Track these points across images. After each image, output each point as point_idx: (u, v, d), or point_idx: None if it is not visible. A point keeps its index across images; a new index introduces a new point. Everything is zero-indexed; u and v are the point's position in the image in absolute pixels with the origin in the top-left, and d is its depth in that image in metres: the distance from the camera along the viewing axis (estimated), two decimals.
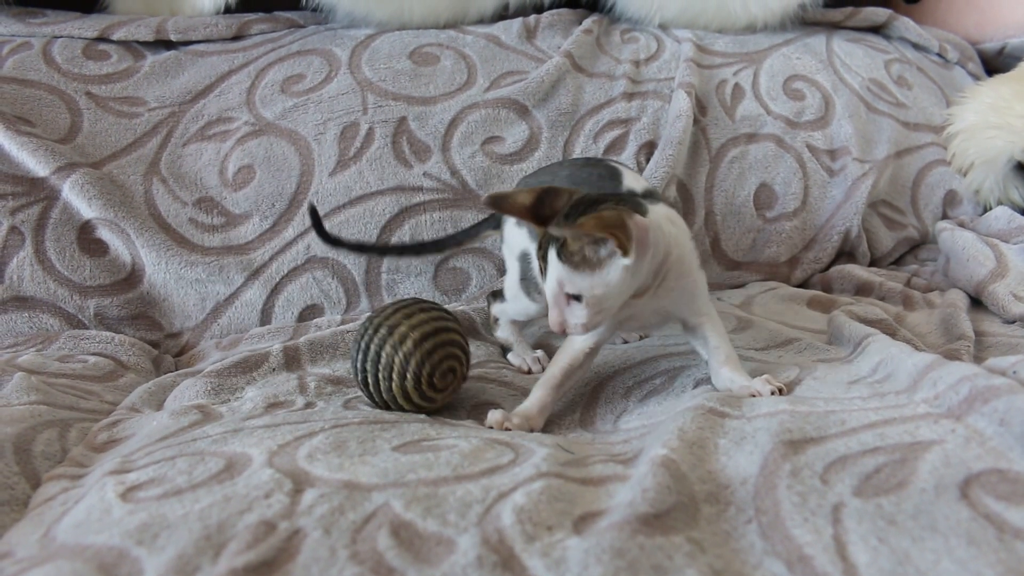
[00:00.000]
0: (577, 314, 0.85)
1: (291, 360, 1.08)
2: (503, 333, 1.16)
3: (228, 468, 0.69)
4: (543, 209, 0.84)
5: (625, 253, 0.80)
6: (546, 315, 0.90)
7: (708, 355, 0.94)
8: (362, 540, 0.57)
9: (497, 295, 1.15)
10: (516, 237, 1.06)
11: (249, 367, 1.05)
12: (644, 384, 0.98)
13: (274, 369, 1.06)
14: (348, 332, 1.15)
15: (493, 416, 0.88)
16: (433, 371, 0.90)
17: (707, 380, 0.93)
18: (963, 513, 0.56)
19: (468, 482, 0.65)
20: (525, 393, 0.95)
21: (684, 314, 0.96)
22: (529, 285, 1.06)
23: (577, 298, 0.84)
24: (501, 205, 0.86)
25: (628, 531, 0.56)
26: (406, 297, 0.99)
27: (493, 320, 1.17)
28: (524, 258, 1.06)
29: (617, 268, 0.82)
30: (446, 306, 1.21)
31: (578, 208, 0.83)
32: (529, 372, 1.11)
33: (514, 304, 1.11)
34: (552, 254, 0.84)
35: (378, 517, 0.59)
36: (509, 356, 1.15)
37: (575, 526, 0.58)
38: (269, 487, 0.64)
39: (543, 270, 0.87)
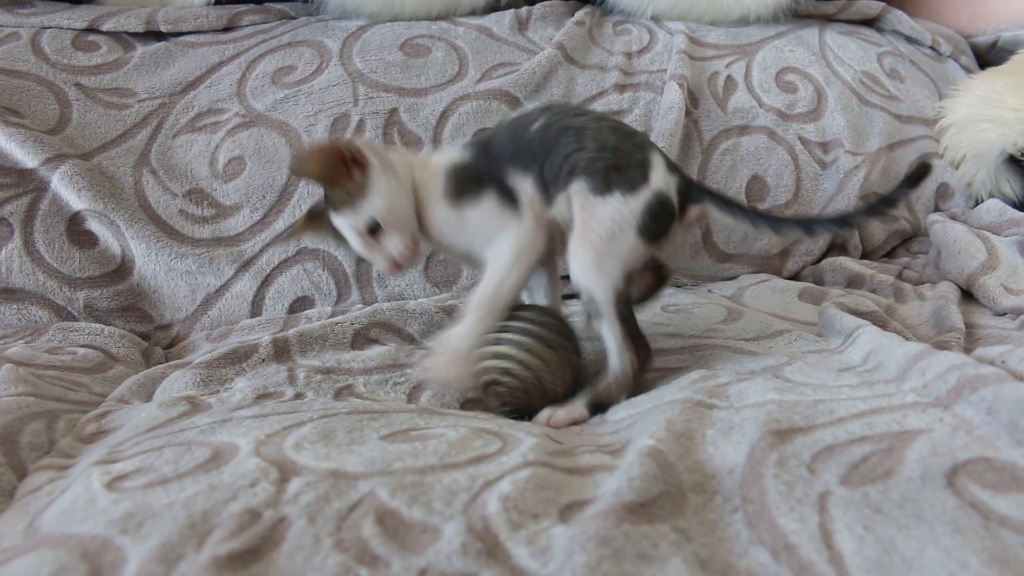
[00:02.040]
0: (391, 244, 0.92)
1: (281, 351, 1.08)
2: None
3: (215, 458, 0.68)
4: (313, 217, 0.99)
5: (362, 170, 0.91)
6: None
7: None
8: (347, 528, 0.57)
9: None
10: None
11: (238, 358, 1.05)
12: None
13: (263, 360, 1.05)
14: (338, 324, 1.14)
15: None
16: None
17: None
18: (949, 501, 0.56)
19: (455, 470, 0.64)
20: None
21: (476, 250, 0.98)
22: None
23: (376, 230, 0.92)
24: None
25: (614, 519, 0.55)
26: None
27: None
28: None
29: (376, 186, 0.91)
30: (438, 296, 1.23)
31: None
32: None
33: None
34: (333, 217, 0.93)
35: (363, 505, 0.59)
36: None
37: (561, 515, 0.58)
38: (255, 476, 0.63)
39: (347, 240, 0.94)
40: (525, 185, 0.93)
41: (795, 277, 1.52)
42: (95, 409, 0.94)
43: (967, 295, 1.29)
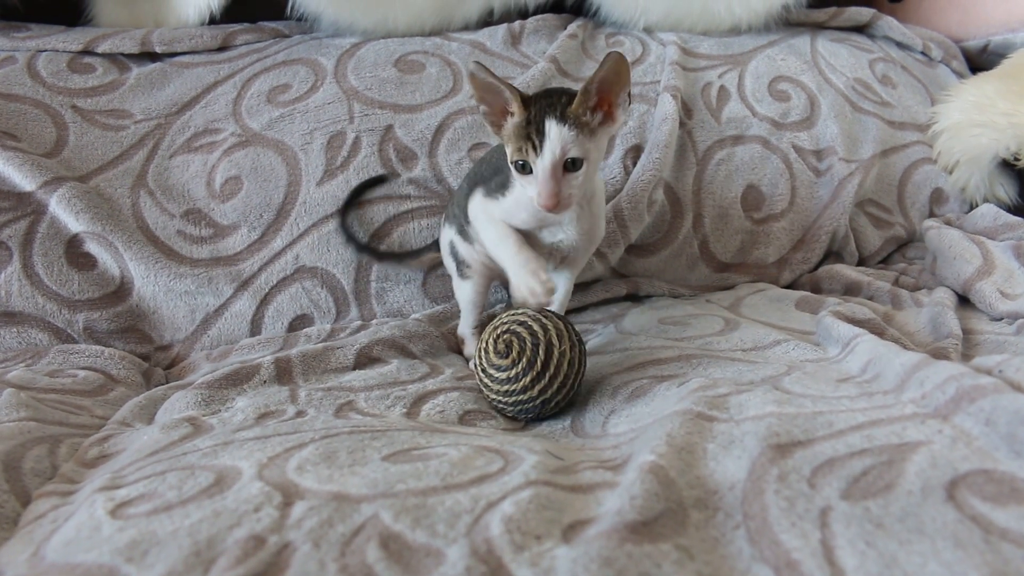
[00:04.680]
0: (573, 183, 0.96)
1: (283, 373, 1.08)
2: (469, 349, 1.25)
3: (218, 482, 0.69)
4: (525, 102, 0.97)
5: (613, 120, 0.97)
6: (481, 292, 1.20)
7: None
8: (351, 553, 0.57)
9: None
10: (446, 235, 1.23)
11: (240, 379, 1.05)
12: (630, 384, 0.99)
13: (265, 382, 1.06)
14: (339, 347, 1.15)
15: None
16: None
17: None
18: (950, 515, 0.56)
19: (457, 491, 0.65)
20: None
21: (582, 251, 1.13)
22: (462, 267, 1.20)
23: (574, 167, 0.95)
24: (480, 80, 0.96)
25: (616, 539, 0.56)
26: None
27: (460, 342, 1.27)
28: (451, 246, 1.21)
29: (605, 136, 0.99)
30: (437, 308, 1.34)
31: (559, 93, 0.97)
32: None
33: (460, 296, 1.24)
34: (551, 123, 0.93)
35: (367, 529, 0.59)
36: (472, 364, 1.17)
37: (564, 535, 0.59)
38: (259, 500, 0.63)
39: (532, 143, 0.94)
40: None
41: (792, 285, 1.52)
42: (97, 432, 0.94)
43: (964, 300, 1.30)
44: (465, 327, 1.26)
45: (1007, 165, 1.61)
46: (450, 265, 1.24)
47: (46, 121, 1.43)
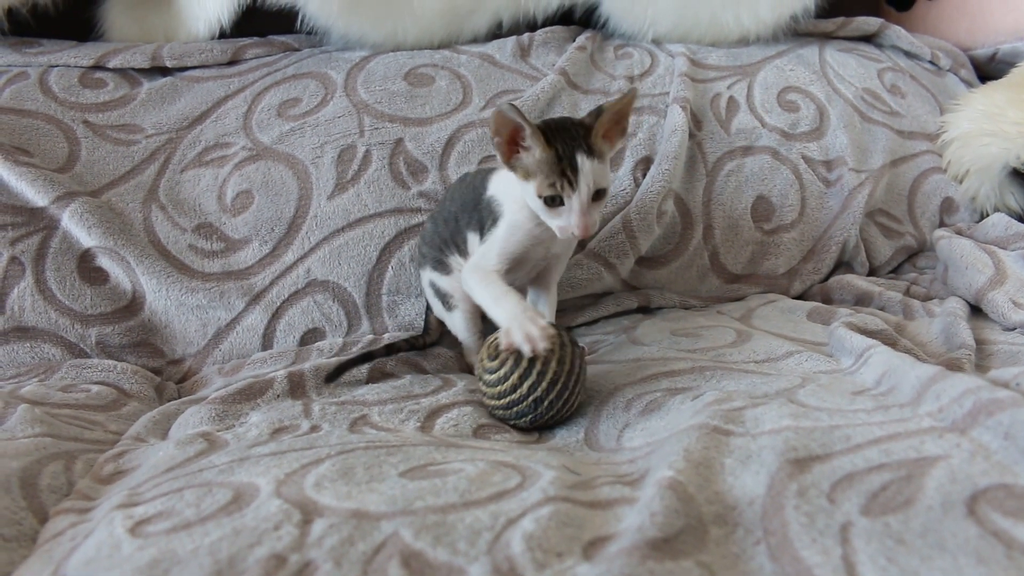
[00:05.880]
0: (595, 214, 1.01)
1: (296, 387, 1.08)
2: (471, 356, 1.26)
3: (236, 499, 0.69)
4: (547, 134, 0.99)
5: (612, 144, 1.03)
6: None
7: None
8: (373, 571, 0.57)
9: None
10: (424, 278, 1.26)
11: (253, 394, 1.06)
12: (644, 396, 0.99)
13: (278, 396, 1.06)
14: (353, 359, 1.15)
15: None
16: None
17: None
18: (971, 530, 0.56)
19: (476, 508, 0.65)
20: None
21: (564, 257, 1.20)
22: (447, 300, 1.21)
23: (600, 195, 1.00)
24: (504, 121, 0.98)
25: (638, 556, 0.56)
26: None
27: (466, 355, 1.28)
28: (432, 286, 1.24)
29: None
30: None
31: (570, 124, 1.00)
32: None
33: (454, 327, 1.24)
34: (582, 158, 0.97)
35: (388, 547, 0.59)
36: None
37: (584, 552, 0.58)
38: (278, 518, 0.63)
39: (568, 179, 0.98)
40: None
41: (803, 296, 1.52)
42: (112, 448, 0.94)
43: (976, 310, 1.29)
44: (467, 342, 1.26)
45: (1017, 174, 1.61)
46: (436, 304, 1.25)
47: (58, 136, 1.44)
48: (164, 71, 1.59)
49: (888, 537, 0.57)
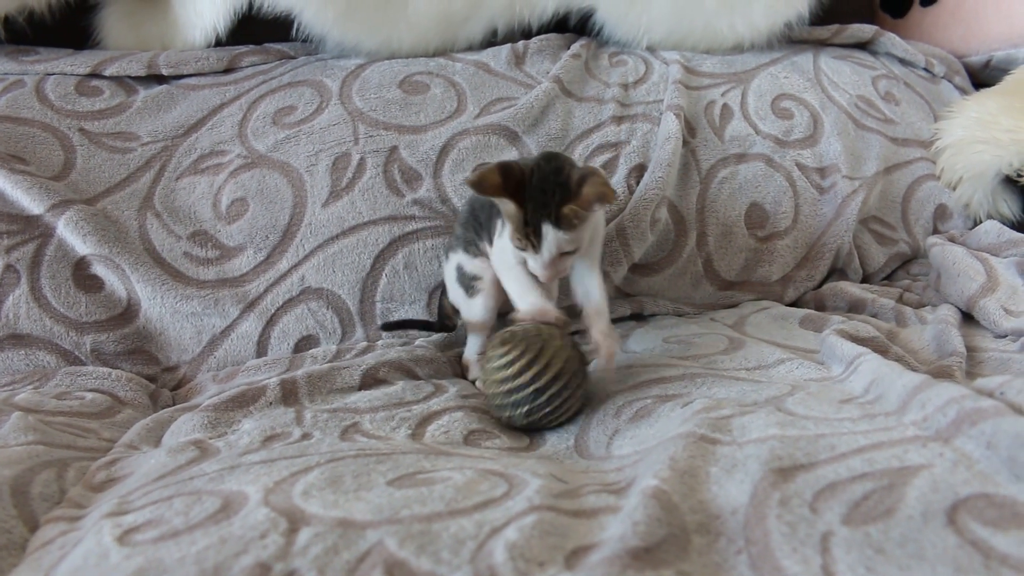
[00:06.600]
0: (566, 263, 1.04)
1: (288, 394, 1.09)
2: (473, 373, 1.24)
3: (224, 508, 0.69)
4: (510, 184, 0.99)
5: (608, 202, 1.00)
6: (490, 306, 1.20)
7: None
8: None
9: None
10: (451, 262, 1.25)
11: (246, 401, 1.06)
12: (634, 403, 0.99)
13: (271, 403, 1.06)
14: (345, 368, 1.16)
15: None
16: None
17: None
18: (950, 540, 0.57)
19: (461, 517, 0.65)
20: None
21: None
22: (472, 284, 1.21)
23: (570, 252, 1.02)
24: (482, 186, 0.99)
25: (619, 566, 0.56)
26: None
27: (465, 367, 1.27)
28: (458, 270, 1.23)
29: (598, 217, 1.10)
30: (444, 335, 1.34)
31: (553, 186, 0.99)
32: None
33: (469, 314, 1.23)
34: (547, 228, 0.98)
35: (372, 556, 0.60)
36: (478, 384, 1.19)
37: (567, 561, 0.59)
38: (264, 527, 0.64)
39: (531, 242, 1.00)
40: None
41: (796, 303, 1.53)
42: (104, 456, 0.94)
43: (968, 317, 1.30)
44: (471, 352, 1.26)
45: (1010, 181, 1.61)
46: (457, 292, 1.24)
47: (54, 144, 1.44)
48: (160, 79, 1.60)
49: (868, 546, 0.57)
